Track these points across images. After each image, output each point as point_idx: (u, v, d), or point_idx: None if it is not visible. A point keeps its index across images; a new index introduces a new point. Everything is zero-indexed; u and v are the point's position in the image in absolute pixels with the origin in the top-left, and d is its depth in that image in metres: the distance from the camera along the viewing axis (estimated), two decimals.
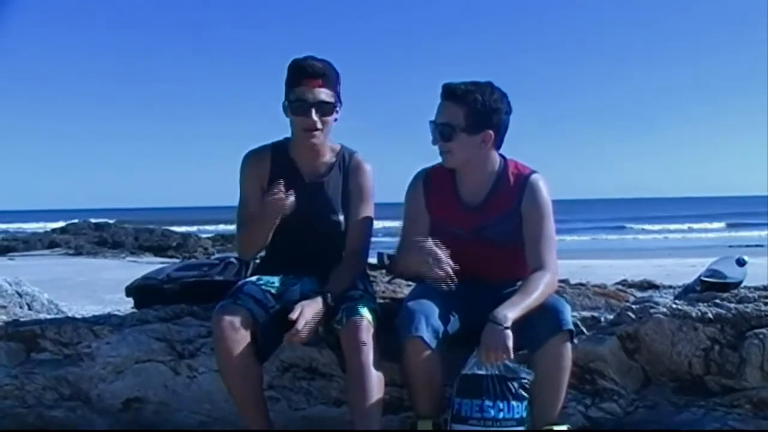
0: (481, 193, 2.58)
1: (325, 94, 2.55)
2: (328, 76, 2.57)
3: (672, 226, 32.97)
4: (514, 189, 2.55)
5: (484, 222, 2.56)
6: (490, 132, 2.51)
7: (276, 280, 2.57)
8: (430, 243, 2.38)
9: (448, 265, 2.35)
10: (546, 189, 2.56)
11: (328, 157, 2.70)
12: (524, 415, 2.24)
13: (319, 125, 2.56)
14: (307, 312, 2.34)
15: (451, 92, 2.51)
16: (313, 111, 2.54)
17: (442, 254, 2.35)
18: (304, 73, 2.54)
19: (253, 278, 2.57)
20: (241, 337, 2.33)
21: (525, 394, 2.24)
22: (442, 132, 2.52)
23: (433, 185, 2.63)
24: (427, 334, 2.29)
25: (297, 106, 2.55)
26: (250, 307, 2.39)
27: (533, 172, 2.58)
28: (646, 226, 33.20)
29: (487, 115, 2.50)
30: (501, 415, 2.22)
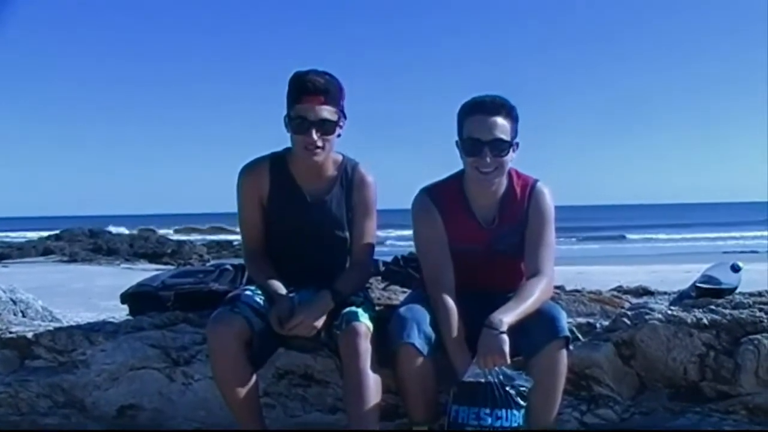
0: (492, 208, 2.55)
1: (327, 112, 2.47)
2: (331, 92, 2.49)
3: (667, 233, 33.05)
4: (522, 201, 2.56)
5: (496, 235, 2.55)
6: (518, 142, 2.52)
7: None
8: None
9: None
10: (550, 197, 2.57)
11: (330, 171, 2.64)
12: (521, 422, 2.23)
13: (320, 144, 2.49)
14: (311, 308, 2.36)
15: (500, 107, 2.44)
16: (314, 130, 2.46)
17: None
18: (306, 90, 2.45)
19: (252, 287, 2.56)
20: (236, 345, 2.32)
21: (523, 402, 2.23)
22: (499, 148, 2.42)
23: (443, 204, 2.55)
24: (418, 341, 2.29)
25: (297, 124, 2.48)
26: (246, 315, 2.37)
27: (537, 180, 2.60)
28: (642, 234, 33.27)
29: (518, 126, 2.50)
30: (498, 423, 2.21)
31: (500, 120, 2.43)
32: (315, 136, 2.47)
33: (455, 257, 2.50)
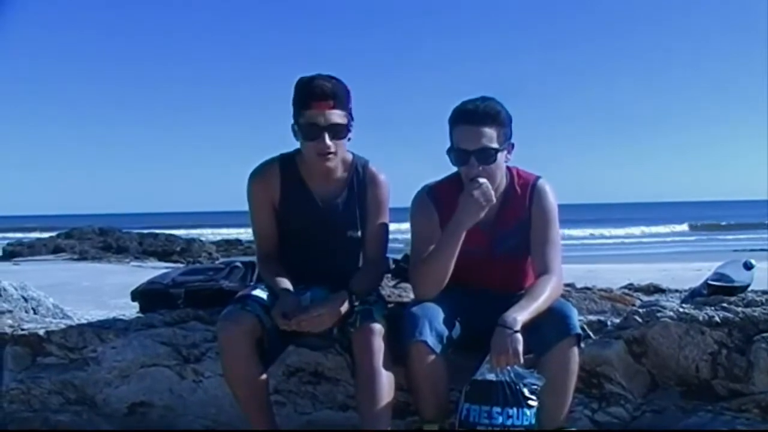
0: (492, 210, 2.47)
1: (337, 116, 2.44)
2: (339, 96, 2.45)
3: (678, 228, 32.92)
4: (523, 200, 2.53)
5: (498, 237, 2.52)
6: (513, 143, 2.50)
7: None
8: None
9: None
10: (552, 194, 2.55)
11: (340, 172, 2.61)
12: (533, 421, 2.22)
13: (333, 149, 2.46)
14: (328, 304, 2.35)
15: (485, 115, 2.40)
16: (327, 135, 2.43)
17: None
18: (314, 95, 2.41)
19: (262, 284, 2.56)
20: (246, 343, 2.32)
21: (534, 401, 2.23)
22: (485, 156, 2.40)
23: (442, 203, 2.53)
24: (431, 339, 2.28)
25: (308, 130, 2.44)
26: (257, 312, 2.37)
27: (538, 177, 2.57)
28: (652, 229, 33.14)
29: (510, 127, 2.48)
30: (510, 422, 2.19)
31: (486, 128, 2.39)
32: (328, 141, 2.44)
33: (456, 259, 2.45)
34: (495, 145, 2.41)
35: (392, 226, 2.69)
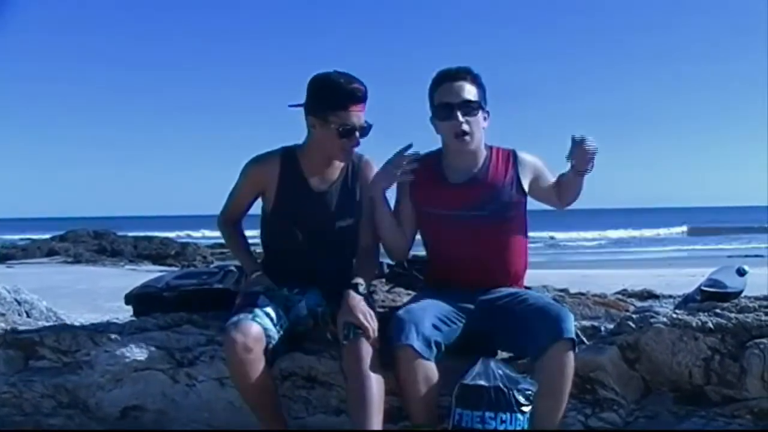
0: (470, 173, 2.63)
1: (364, 117, 2.60)
2: (366, 99, 2.60)
3: (674, 234, 33.02)
4: (503, 165, 2.65)
5: (476, 199, 2.60)
6: (488, 111, 2.64)
7: (281, 295, 2.59)
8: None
9: None
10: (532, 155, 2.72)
11: (338, 163, 2.71)
12: (526, 426, 2.22)
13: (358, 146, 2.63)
14: (349, 310, 2.39)
15: (465, 73, 2.58)
16: (358, 134, 2.59)
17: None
18: (354, 98, 2.55)
19: (260, 288, 2.58)
20: (256, 353, 2.36)
21: (527, 406, 2.22)
22: (469, 108, 2.55)
23: (417, 173, 2.59)
24: (417, 343, 2.29)
25: (345, 130, 2.56)
26: (266, 326, 2.42)
27: (514, 150, 2.71)
28: (645, 233, 33.24)
29: (485, 95, 2.64)
30: (503, 426, 2.19)
31: (467, 84, 2.57)
32: (359, 140, 2.60)
33: (437, 225, 2.61)
34: (476, 100, 2.56)
35: None
